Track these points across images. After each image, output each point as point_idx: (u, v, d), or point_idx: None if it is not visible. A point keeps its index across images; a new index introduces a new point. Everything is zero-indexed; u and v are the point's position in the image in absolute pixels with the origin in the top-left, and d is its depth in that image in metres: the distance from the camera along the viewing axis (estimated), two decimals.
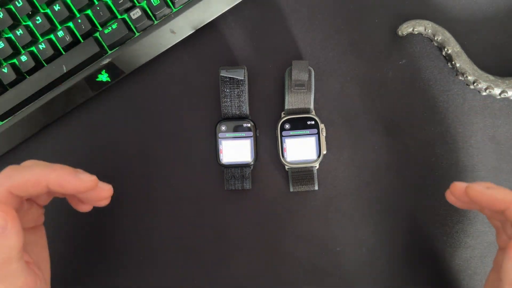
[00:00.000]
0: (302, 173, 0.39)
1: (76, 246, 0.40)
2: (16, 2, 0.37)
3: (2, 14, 0.37)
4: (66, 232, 0.40)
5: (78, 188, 0.29)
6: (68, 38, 0.37)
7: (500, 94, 0.38)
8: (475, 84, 0.38)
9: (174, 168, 0.40)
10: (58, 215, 0.40)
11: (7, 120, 0.39)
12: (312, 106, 0.39)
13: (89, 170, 0.40)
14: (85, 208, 0.34)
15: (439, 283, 0.39)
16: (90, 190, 0.30)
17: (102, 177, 0.35)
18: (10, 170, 0.28)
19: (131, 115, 0.40)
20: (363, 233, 0.39)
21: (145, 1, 0.38)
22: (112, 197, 0.33)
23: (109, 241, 0.40)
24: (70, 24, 0.38)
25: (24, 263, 0.29)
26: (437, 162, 0.40)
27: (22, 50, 0.38)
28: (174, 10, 0.38)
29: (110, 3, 0.38)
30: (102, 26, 0.38)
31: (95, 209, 0.40)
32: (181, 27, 0.38)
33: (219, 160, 0.38)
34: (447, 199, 0.34)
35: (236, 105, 0.39)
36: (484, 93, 0.38)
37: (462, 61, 0.38)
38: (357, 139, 0.40)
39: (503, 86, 0.37)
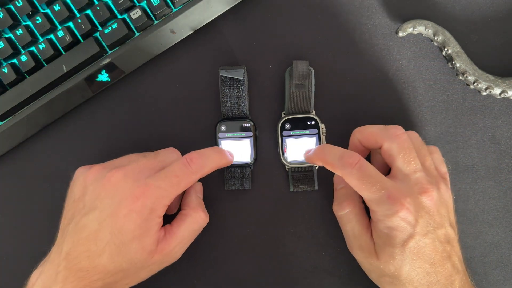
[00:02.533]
0: (302, 173, 0.39)
1: None
2: (16, 2, 0.37)
3: (2, 14, 0.37)
4: None
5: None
6: (68, 38, 0.37)
7: (500, 94, 0.38)
8: (475, 84, 0.38)
9: None
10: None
11: (7, 120, 0.39)
12: (312, 106, 0.39)
13: None
14: None
15: None
16: None
17: None
18: (197, 160, 0.34)
19: (131, 115, 0.40)
20: None
21: (145, 1, 0.38)
22: None
23: None
24: (70, 24, 0.38)
25: None
26: None
27: (22, 50, 0.38)
28: (174, 10, 0.38)
29: (110, 3, 0.38)
30: (102, 26, 0.38)
31: None
32: (181, 27, 0.38)
33: None
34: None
35: (236, 105, 0.39)
36: (484, 93, 0.38)
37: (462, 61, 0.38)
38: None
39: (503, 86, 0.37)
